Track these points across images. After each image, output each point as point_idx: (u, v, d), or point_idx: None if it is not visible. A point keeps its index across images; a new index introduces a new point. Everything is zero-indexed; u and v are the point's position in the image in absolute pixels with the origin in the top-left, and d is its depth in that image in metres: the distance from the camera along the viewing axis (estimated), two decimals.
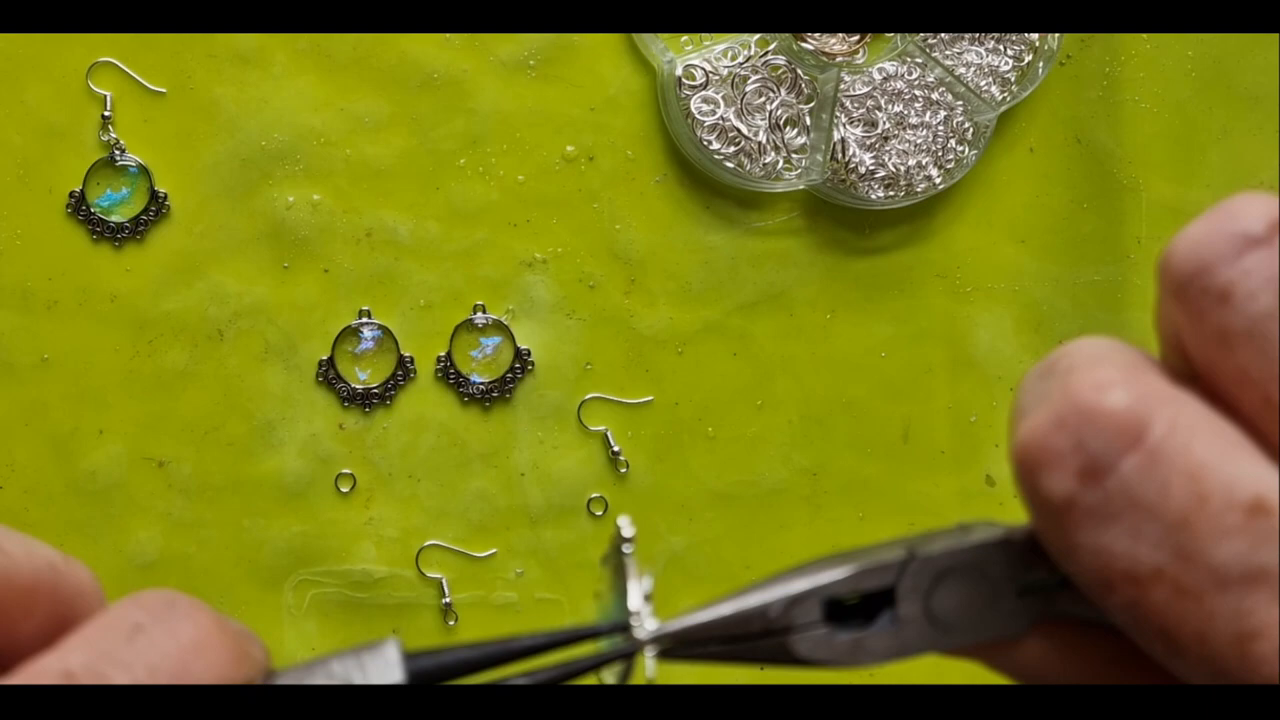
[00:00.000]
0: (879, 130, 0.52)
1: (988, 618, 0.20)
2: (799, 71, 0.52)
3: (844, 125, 0.52)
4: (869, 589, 0.20)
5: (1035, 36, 0.53)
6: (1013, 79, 0.53)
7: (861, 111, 0.52)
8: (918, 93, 0.52)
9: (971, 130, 0.52)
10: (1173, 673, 0.18)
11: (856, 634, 0.20)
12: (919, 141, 0.52)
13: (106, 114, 0.51)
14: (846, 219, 0.53)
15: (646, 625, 0.20)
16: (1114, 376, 0.18)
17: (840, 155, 0.52)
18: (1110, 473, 0.18)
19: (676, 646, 0.21)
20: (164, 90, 0.51)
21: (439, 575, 0.52)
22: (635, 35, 0.52)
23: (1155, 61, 0.54)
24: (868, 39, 0.53)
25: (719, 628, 0.20)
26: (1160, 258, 0.19)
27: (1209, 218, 0.19)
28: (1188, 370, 0.19)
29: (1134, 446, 0.18)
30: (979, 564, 0.20)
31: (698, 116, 0.52)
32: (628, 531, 0.22)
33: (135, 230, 0.51)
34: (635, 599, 0.21)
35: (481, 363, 0.52)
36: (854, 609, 0.20)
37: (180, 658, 0.20)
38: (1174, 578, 0.17)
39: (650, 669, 0.20)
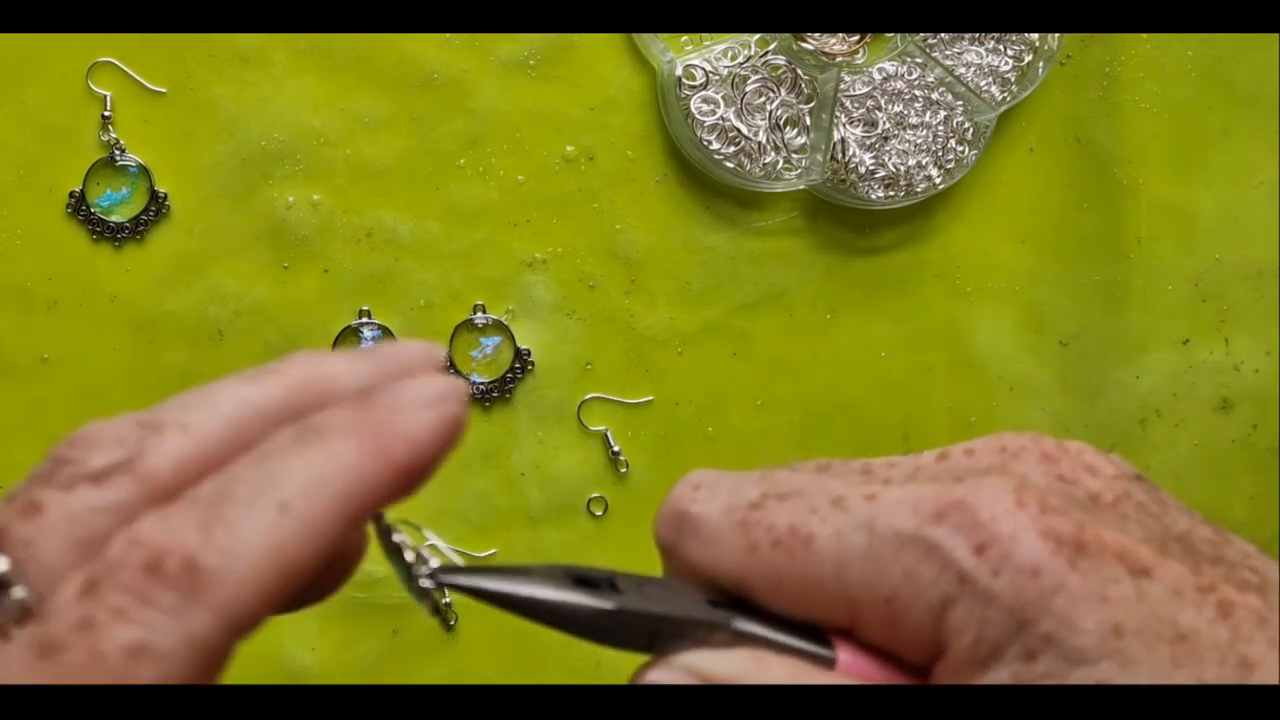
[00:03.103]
0: (879, 130, 0.52)
1: (692, 608, 0.25)
2: (799, 71, 0.52)
3: (844, 125, 0.52)
4: (597, 577, 0.25)
5: (1035, 36, 0.53)
6: (1013, 79, 0.53)
7: (861, 111, 0.52)
8: (918, 93, 0.52)
9: (971, 130, 0.52)
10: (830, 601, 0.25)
11: (590, 591, 0.25)
12: (919, 141, 0.52)
13: (106, 114, 0.51)
14: (846, 219, 0.53)
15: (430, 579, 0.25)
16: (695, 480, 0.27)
17: (840, 155, 0.52)
18: (683, 515, 0.26)
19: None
20: (164, 90, 0.51)
21: None
22: (635, 35, 0.52)
23: (1155, 61, 0.54)
24: (868, 39, 0.53)
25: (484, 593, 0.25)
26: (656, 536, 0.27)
27: (665, 502, 0.27)
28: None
29: (698, 481, 0.26)
30: (670, 582, 0.26)
31: (698, 116, 0.52)
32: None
33: (135, 230, 0.51)
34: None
35: (481, 363, 0.52)
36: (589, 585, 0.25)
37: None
38: (776, 492, 0.25)
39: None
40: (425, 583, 0.25)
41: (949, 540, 0.23)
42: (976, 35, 0.53)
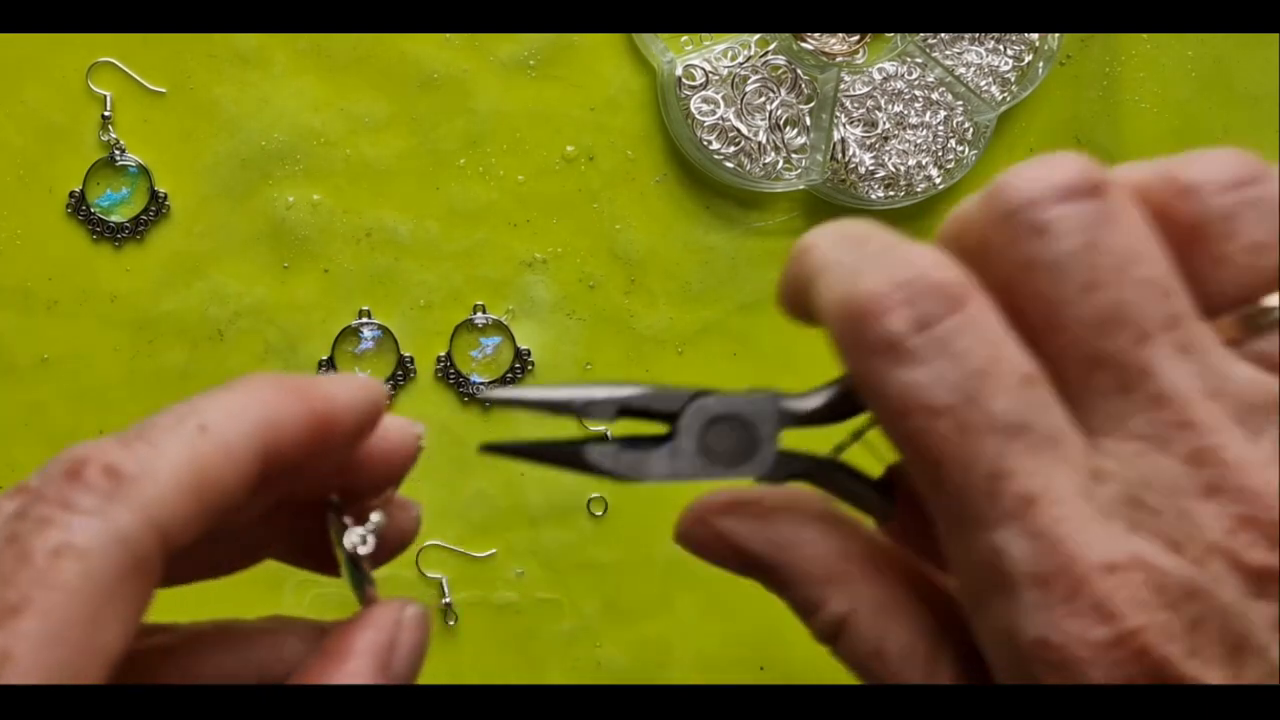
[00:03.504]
0: (879, 130, 0.52)
1: (750, 460, 0.25)
2: (799, 71, 0.52)
3: (844, 125, 0.52)
4: (657, 409, 0.25)
5: (1035, 36, 0.53)
6: (1013, 79, 0.53)
7: (861, 111, 0.52)
8: (918, 93, 0.52)
9: (971, 130, 0.52)
10: (930, 508, 0.23)
11: (640, 454, 0.25)
12: (919, 141, 0.52)
13: (106, 114, 0.51)
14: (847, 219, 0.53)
15: None
16: (941, 258, 0.23)
17: (840, 155, 0.52)
18: (935, 325, 0.22)
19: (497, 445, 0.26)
20: (164, 90, 0.51)
21: (439, 575, 0.52)
22: (635, 35, 0.52)
23: (1155, 61, 0.54)
24: (868, 39, 0.53)
25: (532, 406, 0.25)
26: (994, 185, 0.23)
27: (1041, 164, 0.23)
28: (977, 279, 0.23)
29: (956, 310, 0.22)
30: (747, 416, 0.25)
31: (698, 116, 0.52)
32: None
33: (135, 230, 0.51)
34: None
35: (481, 363, 0.53)
36: (641, 441, 0.25)
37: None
38: (960, 415, 0.22)
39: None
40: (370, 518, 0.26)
41: (1034, 603, 0.21)
42: (976, 35, 0.53)
